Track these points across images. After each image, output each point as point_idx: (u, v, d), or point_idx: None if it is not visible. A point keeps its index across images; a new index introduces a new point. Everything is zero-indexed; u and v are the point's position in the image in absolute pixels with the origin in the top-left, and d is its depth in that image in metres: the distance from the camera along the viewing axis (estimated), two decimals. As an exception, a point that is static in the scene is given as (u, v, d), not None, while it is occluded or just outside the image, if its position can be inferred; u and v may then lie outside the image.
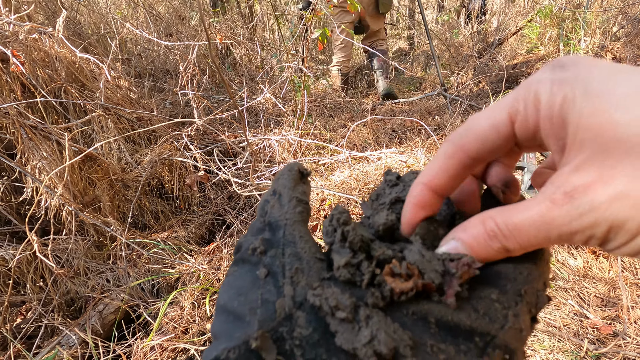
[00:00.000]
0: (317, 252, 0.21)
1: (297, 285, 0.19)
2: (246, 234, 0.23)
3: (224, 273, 1.17)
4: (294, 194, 0.23)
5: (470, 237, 0.20)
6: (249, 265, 0.21)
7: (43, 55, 1.49)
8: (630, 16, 3.25)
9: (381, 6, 3.00)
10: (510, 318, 0.18)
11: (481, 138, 0.20)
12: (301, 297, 0.18)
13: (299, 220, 0.22)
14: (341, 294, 0.18)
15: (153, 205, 1.59)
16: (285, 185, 0.23)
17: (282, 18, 3.92)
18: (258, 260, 0.20)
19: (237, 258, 0.22)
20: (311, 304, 0.18)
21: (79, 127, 1.46)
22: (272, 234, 0.21)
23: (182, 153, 1.57)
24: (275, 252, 0.20)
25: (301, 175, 0.25)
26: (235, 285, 0.20)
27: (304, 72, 1.77)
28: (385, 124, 2.33)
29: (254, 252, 0.21)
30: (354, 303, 0.17)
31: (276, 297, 0.19)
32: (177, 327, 1.04)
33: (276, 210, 0.22)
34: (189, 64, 1.49)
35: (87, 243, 1.30)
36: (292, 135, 1.76)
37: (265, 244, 0.21)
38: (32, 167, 1.22)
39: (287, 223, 0.21)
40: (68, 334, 1.05)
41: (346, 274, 0.19)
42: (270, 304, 0.18)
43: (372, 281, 0.19)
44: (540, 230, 0.18)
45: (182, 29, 3.01)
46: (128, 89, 1.91)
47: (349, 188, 1.44)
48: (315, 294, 0.18)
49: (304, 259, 0.20)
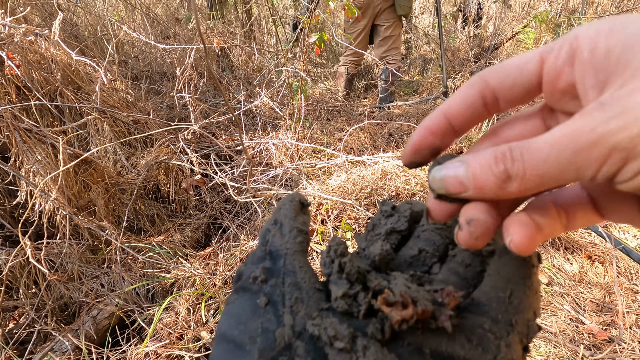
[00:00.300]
0: (316, 282, 0.21)
1: (297, 314, 0.19)
2: (246, 262, 0.23)
3: (219, 278, 1.16)
4: (295, 224, 0.23)
5: (477, 160, 0.18)
6: (249, 294, 0.21)
7: (39, 58, 1.48)
8: (624, 22, 3.30)
9: (399, 8, 2.71)
10: (503, 348, 0.18)
11: (505, 71, 0.20)
12: (300, 326, 0.19)
13: (299, 250, 0.22)
14: (339, 324, 0.18)
15: (149, 209, 1.58)
16: (287, 216, 0.24)
17: (279, 21, 3.92)
18: (259, 289, 0.21)
19: (237, 286, 0.22)
20: (310, 334, 0.18)
21: (74, 130, 1.45)
22: (272, 262, 0.22)
23: (179, 156, 1.56)
24: (275, 281, 0.21)
25: (302, 206, 0.25)
26: (236, 314, 0.20)
27: (302, 76, 1.77)
28: (383, 128, 2.34)
29: (255, 281, 0.21)
30: (351, 333, 0.18)
31: (276, 326, 0.19)
32: (172, 333, 1.03)
33: (277, 239, 0.23)
34: (186, 67, 1.49)
35: (81, 247, 1.29)
36: (289, 139, 1.76)
37: (266, 272, 0.21)
38: (26, 170, 1.21)
39: (288, 253, 0.22)
40: (61, 340, 1.04)
41: (344, 305, 0.19)
42: (270, 333, 0.19)
43: (368, 312, 0.19)
44: (554, 149, 0.15)
45: (180, 31, 3.01)
46: (124, 92, 1.90)
47: (345, 192, 1.44)
48: (314, 324, 0.18)
49: (303, 288, 0.20)
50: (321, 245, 1.25)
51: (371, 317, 0.19)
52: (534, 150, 0.16)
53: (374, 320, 0.18)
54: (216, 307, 1.12)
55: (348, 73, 3.09)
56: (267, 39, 4.44)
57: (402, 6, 2.71)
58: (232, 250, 1.29)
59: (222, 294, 1.11)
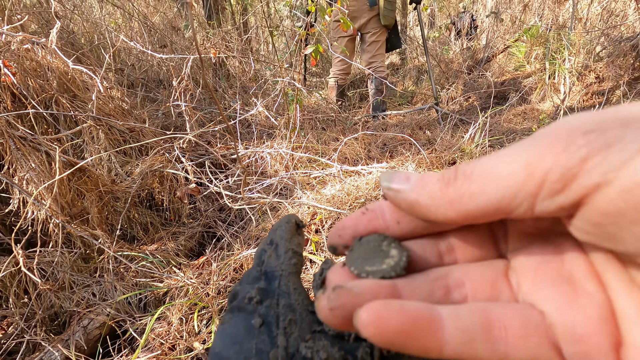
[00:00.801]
0: (310, 304, 0.22)
1: (290, 336, 0.20)
2: (242, 282, 0.24)
3: (213, 287, 1.16)
4: (290, 246, 0.24)
5: (420, 181, 0.17)
6: (244, 314, 0.21)
7: (35, 66, 1.48)
8: (612, 37, 3.38)
9: (383, 18, 2.82)
10: None
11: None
12: (293, 348, 0.19)
13: (293, 272, 0.23)
14: (331, 347, 0.19)
15: (142, 217, 1.58)
16: (282, 237, 0.24)
17: (276, 31, 3.97)
18: (254, 310, 0.21)
19: (233, 306, 0.22)
20: (303, 356, 0.19)
21: (69, 138, 1.45)
22: (267, 283, 0.22)
23: (174, 165, 1.56)
24: (270, 302, 0.21)
25: (297, 227, 0.26)
26: (231, 334, 0.21)
27: (297, 87, 1.79)
28: (377, 138, 2.36)
29: (250, 301, 0.22)
30: (342, 356, 0.18)
31: (270, 347, 0.19)
32: (164, 343, 1.02)
33: (273, 260, 0.23)
34: (182, 78, 1.51)
35: (73, 256, 1.28)
36: (284, 148, 1.77)
37: (261, 293, 0.22)
38: (20, 178, 1.20)
39: (283, 274, 0.22)
40: (50, 350, 1.02)
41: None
42: (264, 354, 0.19)
43: (358, 336, 0.19)
44: (511, 175, 0.15)
45: (177, 39, 3.03)
46: (120, 99, 1.90)
47: (340, 202, 1.45)
48: (307, 346, 0.19)
49: (297, 310, 0.21)
50: (315, 255, 1.25)
51: (361, 341, 0.19)
52: (485, 174, 0.16)
53: (364, 344, 0.19)
54: (209, 317, 1.12)
55: (339, 85, 3.17)
56: (264, 48, 4.48)
57: (386, 17, 2.83)
58: (226, 260, 1.29)
59: (215, 304, 1.11)
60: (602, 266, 0.16)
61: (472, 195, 0.15)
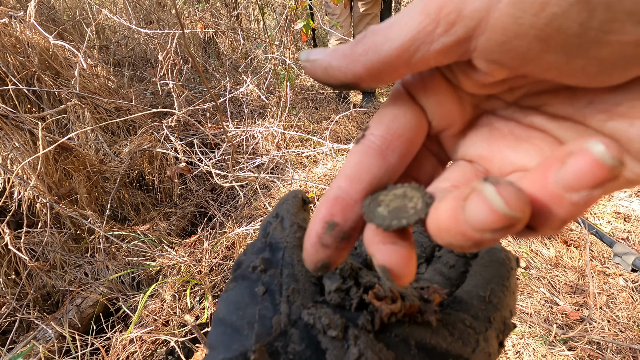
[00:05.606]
0: (312, 276, 0.22)
1: (293, 304, 0.20)
2: (246, 252, 0.24)
3: (205, 265, 1.17)
4: (296, 220, 0.24)
5: (334, 48, 0.17)
6: (248, 282, 0.22)
7: (14, 41, 1.42)
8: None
9: None
10: (481, 342, 0.20)
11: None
12: (296, 315, 0.20)
13: (298, 245, 0.23)
14: (333, 314, 0.19)
15: (133, 198, 1.56)
16: (289, 211, 0.25)
17: (267, 7, 3.85)
18: (257, 278, 0.22)
19: (237, 274, 0.23)
20: (305, 322, 0.19)
21: (53, 117, 1.41)
22: (272, 254, 0.23)
23: (163, 144, 1.54)
24: (274, 272, 0.22)
25: (303, 203, 0.26)
26: (234, 300, 0.21)
27: (287, 63, 1.75)
28: (369, 117, 2.34)
29: (254, 270, 0.22)
30: (344, 323, 0.19)
31: (273, 313, 0.20)
32: (158, 319, 1.03)
33: (278, 232, 0.24)
34: (169, 53, 1.46)
35: (63, 236, 1.27)
36: (275, 127, 1.75)
37: (266, 263, 0.22)
38: (3, 157, 1.17)
39: (287, 246, 0.23)
40: (44, 328, 1.03)
41: (337, 298, 0.20)
42: (267, 319, 0.20)
43: (360, 305, 0.20)
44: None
45: (164, 16, 2.92)
46: (106, 78, 1.85)
47: (332, 180, 1.45)
48: (309, 313, 0.19)
49: (300, 280, 0.21)
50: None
51: (362, 310, 0.20)
52: (391, 17, 0.16)
53: (365, 312, 0.20)
54: (202, 293, 1.13)
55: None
56: (254, 26, 4.36)
57: None
58: (218, 238, 1.29)
59: (208, 281, 1.12)
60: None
61: (376, 46, 0.16)
